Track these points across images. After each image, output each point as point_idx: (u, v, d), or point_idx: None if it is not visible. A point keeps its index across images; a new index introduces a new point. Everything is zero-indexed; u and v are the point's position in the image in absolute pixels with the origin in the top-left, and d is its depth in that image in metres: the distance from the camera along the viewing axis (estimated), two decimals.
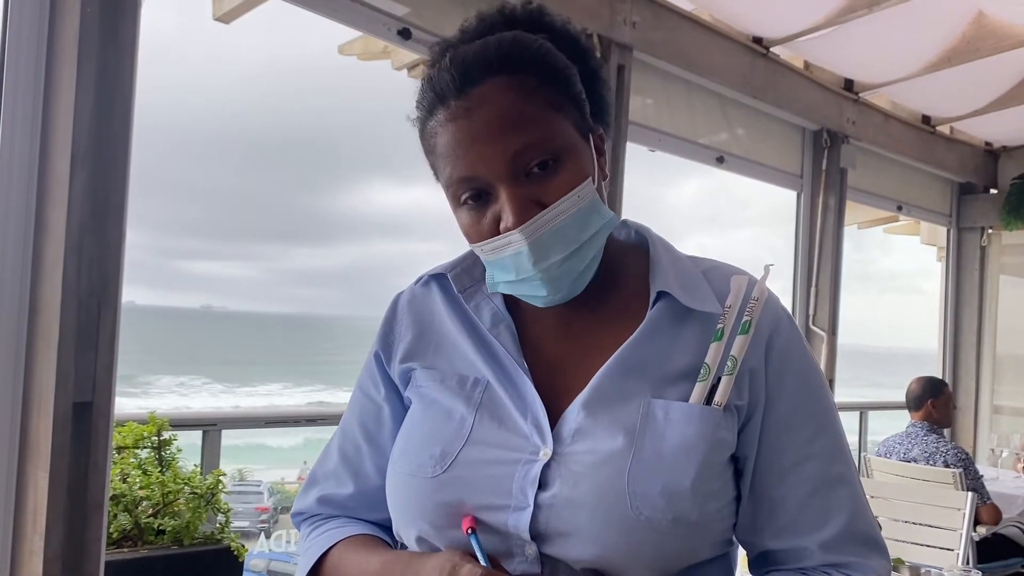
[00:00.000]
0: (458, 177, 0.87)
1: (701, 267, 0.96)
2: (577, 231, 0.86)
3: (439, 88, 0.87)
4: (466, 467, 0.87)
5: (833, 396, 3.83)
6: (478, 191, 0.87)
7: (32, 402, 1.85)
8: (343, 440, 1.03)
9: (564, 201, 0.85)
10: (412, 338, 0.99)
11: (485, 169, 0.85)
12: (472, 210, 0.88)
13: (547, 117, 0.86)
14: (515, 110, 0.85)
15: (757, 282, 0.91)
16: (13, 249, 1.85)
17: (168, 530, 2.42)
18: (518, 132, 0.84)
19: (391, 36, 2.57)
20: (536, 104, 0.86)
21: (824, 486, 0.89)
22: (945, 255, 5.66)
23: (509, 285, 0.90)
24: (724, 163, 3.90)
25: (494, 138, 0.84)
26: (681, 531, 0.82)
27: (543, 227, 0.84)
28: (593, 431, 0.85)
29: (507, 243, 0.85)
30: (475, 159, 0.85)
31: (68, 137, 1.82)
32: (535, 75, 0.87)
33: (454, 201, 0.89)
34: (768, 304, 0.91)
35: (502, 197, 0.85)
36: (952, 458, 3.75)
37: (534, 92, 0.86)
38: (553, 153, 0.85)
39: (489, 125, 0.84)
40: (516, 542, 0.84)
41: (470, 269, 0.99)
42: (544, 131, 0.85)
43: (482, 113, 0.85)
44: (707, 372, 0.87)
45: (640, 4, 3.15)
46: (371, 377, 1.02)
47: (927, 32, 3.82)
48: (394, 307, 1.03)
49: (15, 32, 1.85)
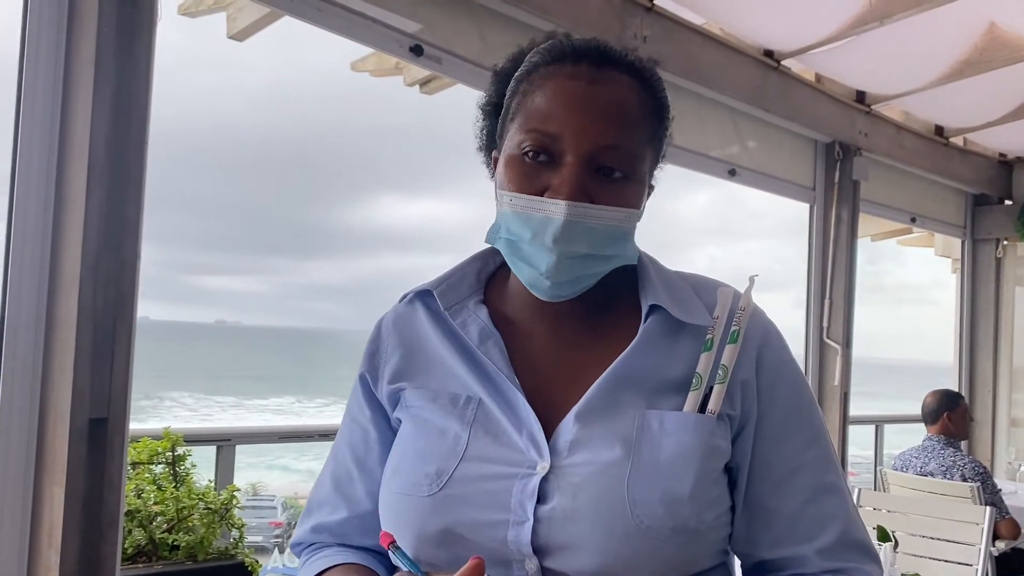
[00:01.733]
0: (539, 128, 0.87)
1: (690, 282, 0.97)
2: (604, 243, 0.88)
3: (579, 46, 0.91)
4: (463, 484, 0.87)
5: (849, 411, 3.76)
6: (545, 150, 0.88)
7: (49, 418, 1.86)
8: (335, 466, 1.02)
9: (614, 211, 0.87)
10: (399, 358, 0.98)
11: (572, 137, 0.86)
12: (527, 164, 0.88)
13: (643, 136, 0.90)
14: (630, 111, 0.89)
15: (743, 294, 0.92)
16: (30, 266, 1.87)
17: (182, 546, 2.43)
18: (621, 130, 0.88)
19: (403, 53, 2.59)
20: (644, 120, 0.91)
21: (818, 495, 0.90)
22: (960, 267, 5.63)
23: (512, 244, 0.90)
24: (736, 176, 3.90)
25: (601, 118, 0.87)
26: (681, 539, 0.83)
27: (586, 217, 0.86)
28: (589, 442, 0.86)
29: (546, 207, 0.86)
30: (572, 122, 0.86)
31: (84, 156, 1.85)
32: (653, 100, 0.92)
33: (515, 147, 0.90)
34: (755, 316, 0.93)
35: (565, 170, 0.86)
36: (970, 472, 3.72)
37: (647, 113, 0.91)
38: (628, 170, 0.89)
39: (605, 105, 0.87)
40: (516, 557, 0.84)
41: (456, 285, 0.99)
42: (635, 147, 0.89)
43: (605, 92, 0.88)
44: (699, 381, 0.89)
45: (651, 18, 3.16)
46: (357, 401, 1.02)
47: (939, 44, 3.81)
48: (379, 329, 1.02)
49: (33, 51, 1.87)
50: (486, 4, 2.72)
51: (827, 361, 4.25)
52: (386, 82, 3.43)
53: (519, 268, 0.91)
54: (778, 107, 3.83)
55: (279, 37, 20.95)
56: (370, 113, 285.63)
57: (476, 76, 2.75)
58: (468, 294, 0.98)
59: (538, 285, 0.90)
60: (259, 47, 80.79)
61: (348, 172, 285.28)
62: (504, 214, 0.90)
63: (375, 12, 2.51)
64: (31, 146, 1.87)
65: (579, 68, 0.89)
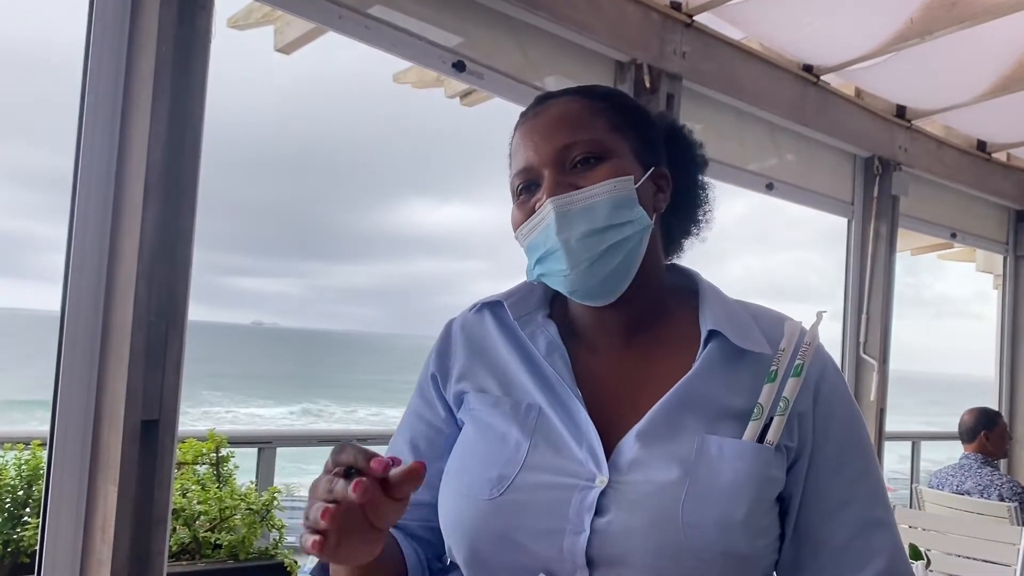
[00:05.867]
0: (516, 170, 0.98)
1: (750, 311, 1.00)
2: (603, 216, 0.92)
3: (525, 108, 1.01)
4: (523, 491, 0.89)
5: (885, 426, 3.72)
6: (530, 182, 0.96)
7: (103, 419, 1.94)
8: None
9: (598, 186, 0.93)
10: (466, 360, 1.02)
11: (536, 158, 0.95)
12: (522, 200, 0.97)
13: (602, 128, 0.96)
14: (574, 114, 0.97)
15: (809, 328, 0.95)
16: (89, 273, 1.95)
17: (224, 545, 2.50)
18: (570, 130, 0.95)
19: (446, 68, 2.65)
20: (596, 117, 0.97)
21: (866, 529, 0.92)
22: (1002, 283, 5.55)
23: (540, 266, 0.96)
24: (773, 190, 3.90)
25: (549, 132, 0.96)
26: (731, 564, 0.85)
27: (573, 203, 0.92)
28: (648, 462, 0.88)
29: (540, 219, 0.93)
30: (530, 151, 0.96)
31: (142, 166, 1.92)
32: (604, 101, 0.99)
33: (514, 198, 0.98)
34: (817, 351, 0.95)
35: (543, 181, 0.94)
36: (1008, 492, 3.67)
37: (599, 111, 0.97)
38: (597, 153, 0.95)
39: (548, 123, 0.97)
40: (568, 567, 0.86)
41: (526, 298, 1.03)
42: (595, 135, 0.96)
43: (546, 115, 0.98)
44: (760, 411, 0.91)
45: (690, 34, 3.19)
46: (426, 399, 1.05)
47: (982, 59, 3.78)
48: (448, 330, 1.06)
49: (96, 70, 1.96)
50: (528, 20, 2.77)
51: (863, 376, 4.22)
52: (427, 93, 3.50)
53: (554, 282, 0.96)
54: (817, 122, 3.83)
55: (325, 49, 20.98)
56: (409, 122, 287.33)
57: (517, 92, 2.80)
58: (536, 307, 1.02)
59: (573, 284, 0.94)
60: (305, 58, 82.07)
61: (383, 178, 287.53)
62: (525, 248, 0.97)
63: (419, 28, 2.57)
64: (92, 157, 1.95)
65: (527, 115, 1.00)
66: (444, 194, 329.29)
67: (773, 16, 3.37)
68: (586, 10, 2.85)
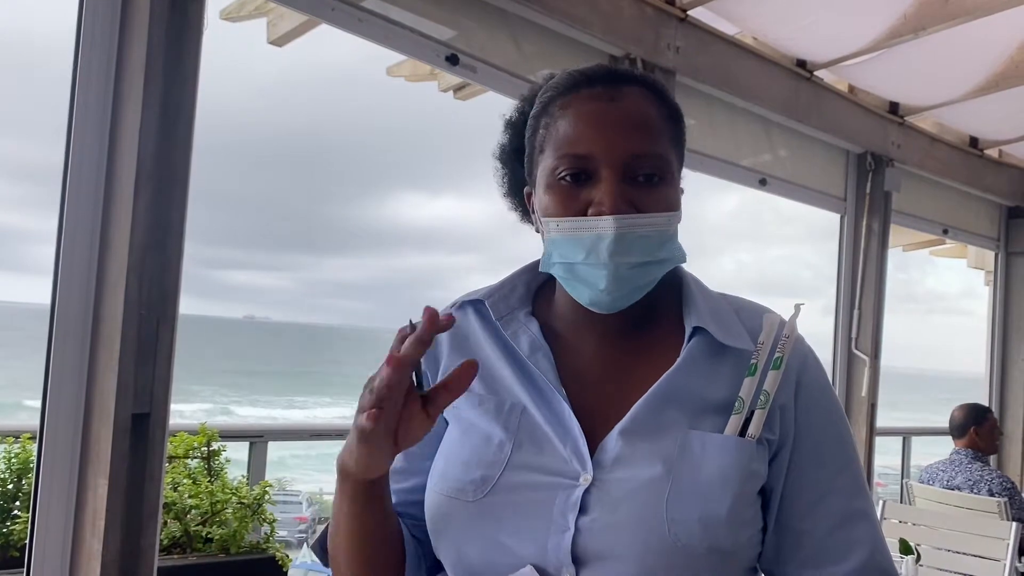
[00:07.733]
0: (571, 152, 0.91)
1: (733, 305, 1.00)
2: (656, 248, 0.91)
3: (590, 72, 0.95)
4: (506, 492, 0.89)
5: (876, 422, 3.74)
6: (581, 171, 0.91)
7: (94, 412, 1.93)
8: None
9: (660, 216, 0.91)
10: (451, 357, 1.01)
11: (603, 153, 0.90)
12: (566, 187, 0.92)
13: (667, 142, 0.94)
14: (652, 119, 0.93)
15: (788, 321, 0.94)
16: (79, 266, 1.94)
17: (216, 538, 2.49)
18: (648, 138, 0.92)
19: (439, 62, 2.64)
20: (664, 128, 0.94)
21: (848, 520, 0.93)
22: (993, 279, 5.57)
23: (567, 267, 0.92)
24: (767, 185, 3.91)
25: (627, 131, 0.91)
26: (715, 558, 0.85)
27: (634, 226, 0.89)
28: (632, 459, 0.88)
29: (594, 225, 0.89)
30: (600, 140, 0.90)
31: (133, 158, 1.91)
32: (667, 107, 0.96)
33: (549, 175, 0.93)
34: (796, 343, 0.95)
35: (604, 185, 0.90)
36: (997, 487, 3.69)
37: (665, 118, 0.95)
38: (663, 174, 0.92)
39: (628, 118, 0.92)
40: (554, 566, 0.86)
41: (507, 296, 1.01)
42: (662, 150, 0.93)
43: (626, 106, 0.92)
44: (741, 405, 0.91)
45: (684, 29, 3.18)
46: None
47: (975, 56, 3.79)
48: None
49: (86, 59, 1.94)
50: (521, 14, 2.77)
51: (855, 372, 4.24)
52: (420, 86, 3.48)
53: (576, 289, 0.93)
54: (810, 117, 3.84)
55: (317, 42, 21.13)
56: (403, 116, 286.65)
57: (511, 85, 2.79)
58: (518, 306, 1.00)
59: (599, 302, 0.92)
60: (296, 50, 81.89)
61: (376, 171, 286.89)
62: (553, 240, 0.93)
63: (413, 21, 2.56)
64: (83, 148, 1.94)
65: (595, 90, 0.93)
66: (437, 188, 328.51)
67: (767, 11, 3.37)
68: (580, 4, 2.85)
